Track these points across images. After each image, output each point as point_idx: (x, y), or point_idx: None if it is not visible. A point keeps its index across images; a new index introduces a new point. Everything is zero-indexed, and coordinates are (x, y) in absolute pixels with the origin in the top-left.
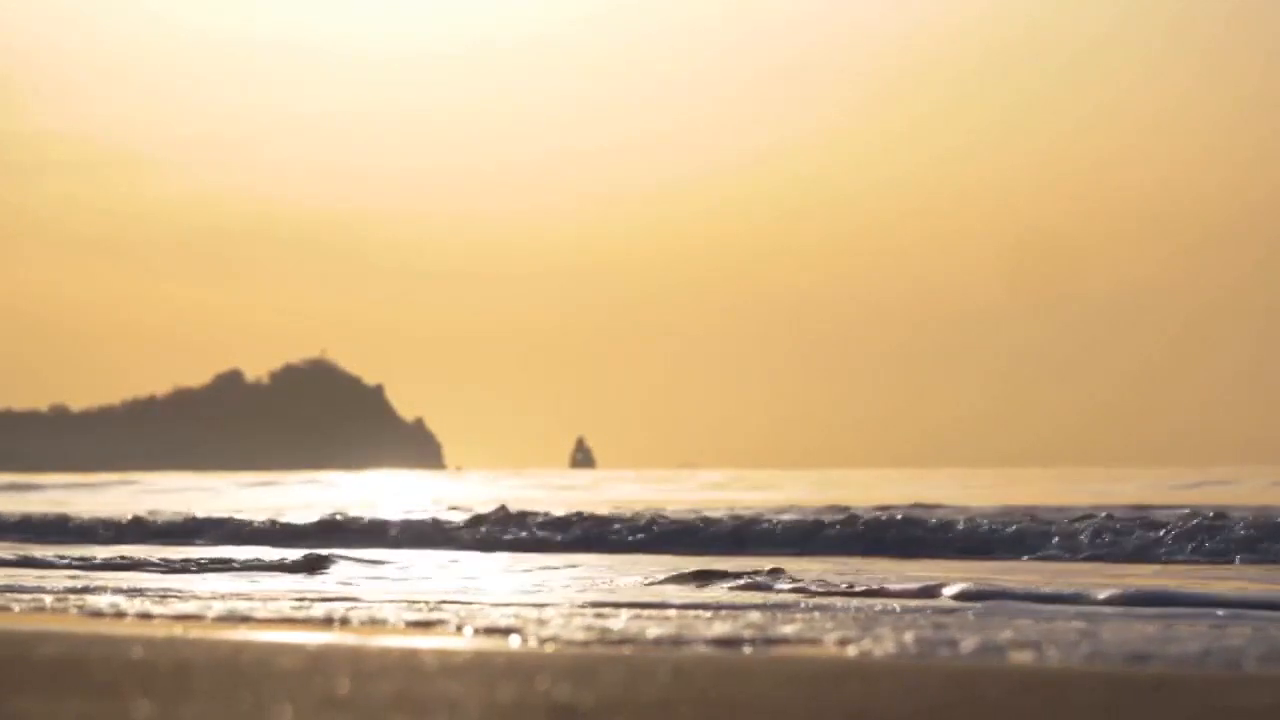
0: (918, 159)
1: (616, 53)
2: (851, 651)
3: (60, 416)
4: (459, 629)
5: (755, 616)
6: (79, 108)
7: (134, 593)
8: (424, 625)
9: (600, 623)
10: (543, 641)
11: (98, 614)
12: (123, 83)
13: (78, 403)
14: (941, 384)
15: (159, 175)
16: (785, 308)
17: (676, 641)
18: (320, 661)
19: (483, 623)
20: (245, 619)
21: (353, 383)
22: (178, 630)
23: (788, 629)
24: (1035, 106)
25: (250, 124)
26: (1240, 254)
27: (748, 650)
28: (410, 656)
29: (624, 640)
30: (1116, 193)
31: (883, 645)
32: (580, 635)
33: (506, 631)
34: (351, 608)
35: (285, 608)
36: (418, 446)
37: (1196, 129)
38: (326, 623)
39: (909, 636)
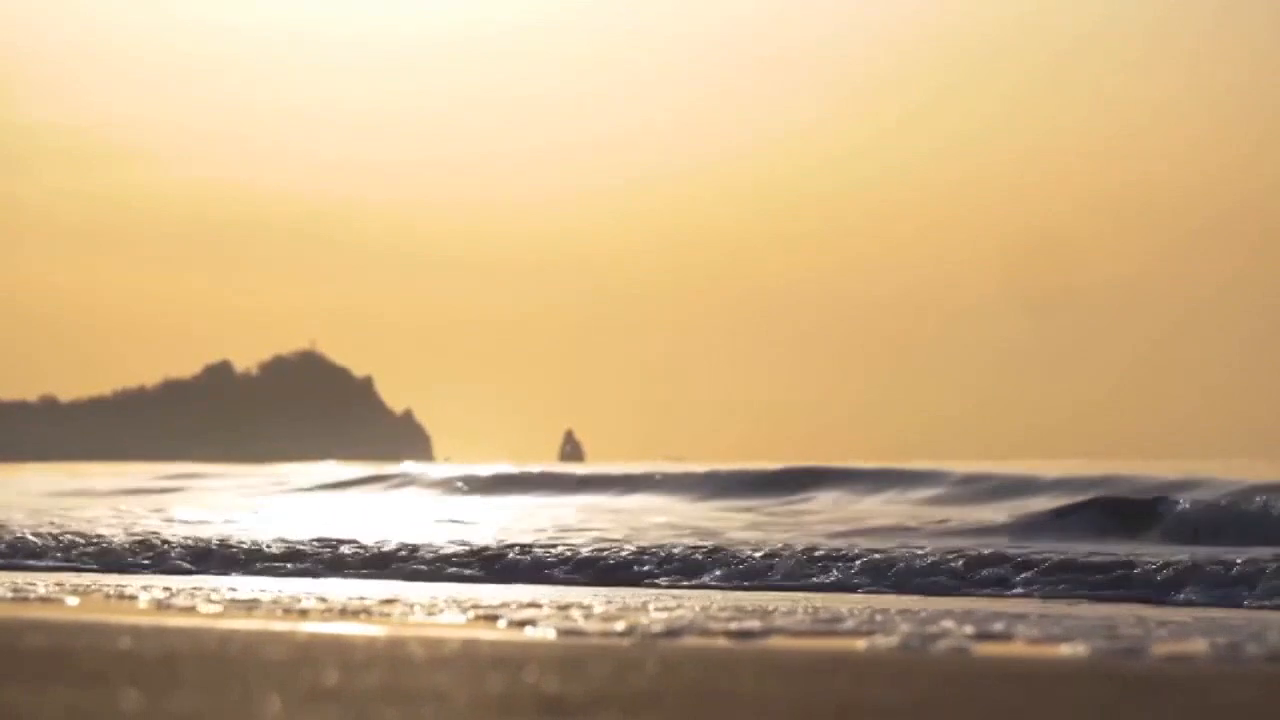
0: (907, 153)
1: (606, 44)
2: (842, 644)
3: (49, 407)
4: None
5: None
6: (70, 99)
7: None
8: None
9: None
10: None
11: None
12: (113, 74)
13: (67, 393)
14: (931, 378)
15: (149, 166)
16: (774, 301)
17: (666, 633)
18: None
19: None
20: None
21: (342, 374)
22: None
23: (780, 621)
24: (1024, 101)
25: (239, 116)
26: (1231, 248)
27: (737, 642)
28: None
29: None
30: (1106, 187)
31: (873, 638)
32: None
33: None
34: None
35: None
36: (407, 438)
37: (1186, 124)
38: None
39: (900, 629)
